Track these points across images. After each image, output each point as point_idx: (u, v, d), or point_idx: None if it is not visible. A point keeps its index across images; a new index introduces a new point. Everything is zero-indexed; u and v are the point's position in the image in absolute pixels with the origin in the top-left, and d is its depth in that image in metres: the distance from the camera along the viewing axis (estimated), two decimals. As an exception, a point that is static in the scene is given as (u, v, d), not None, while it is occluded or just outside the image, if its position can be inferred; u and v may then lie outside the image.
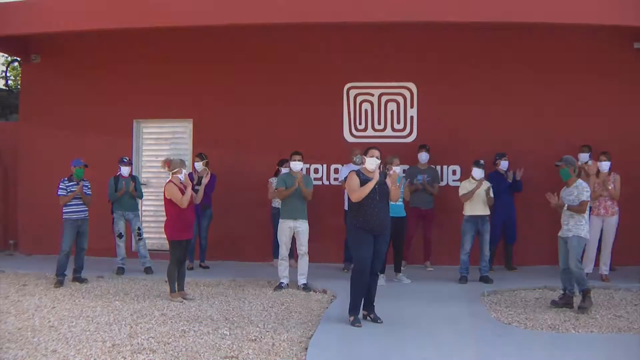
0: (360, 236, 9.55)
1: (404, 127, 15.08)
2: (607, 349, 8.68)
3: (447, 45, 15.01)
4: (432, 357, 8.20)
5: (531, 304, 11.49)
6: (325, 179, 15.06)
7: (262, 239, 14.74)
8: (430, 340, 8.87)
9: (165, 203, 11.27)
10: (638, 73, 14.95)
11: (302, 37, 15.02)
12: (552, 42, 14.94)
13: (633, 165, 14.35)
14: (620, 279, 13.27)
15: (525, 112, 14.88)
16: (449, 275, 13.48)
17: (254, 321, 9.84)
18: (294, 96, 15.14)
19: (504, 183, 13.82)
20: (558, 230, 11.06)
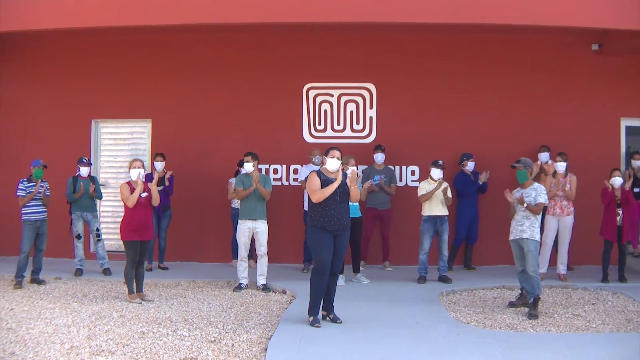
0: (320, 236, 9.57)
1: (363, 128, 15.13)
2: (565, 348, 8.76)
3: (406, 46, 15.08)
4: (391, 357, 8.25)
5: (489, 303, 11.60)
6: (284, 180, 15.06)
7: (222, 240, 14.73)
8: (389, 340, 8.92)
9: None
10: (596, 74, 15.15)
11: (262, 37, 15.02)
12: (512, 44, 15.09)
13: (591, 165, 14.54)
14: (578, 278, 13.45)
15: (485, 113, 15.02)
16: (408, 275, 13.57)
17: (213, 322, 9.84)
18: (254, 97, 15.11)
19: (470, 184, 13.91)
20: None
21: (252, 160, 12.29)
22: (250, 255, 13.00)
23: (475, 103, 15.04)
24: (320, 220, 9.55)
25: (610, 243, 13.10)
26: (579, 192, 13.83)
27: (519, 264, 10.97)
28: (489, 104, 15.04)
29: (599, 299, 12.03)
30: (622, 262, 13.21)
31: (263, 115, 15.07)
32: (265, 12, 12.88)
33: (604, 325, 10.11)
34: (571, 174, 13.35)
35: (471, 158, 14.15)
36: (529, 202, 10.71)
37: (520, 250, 10.87)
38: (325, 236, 9.55)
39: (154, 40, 15.20)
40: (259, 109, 15.09)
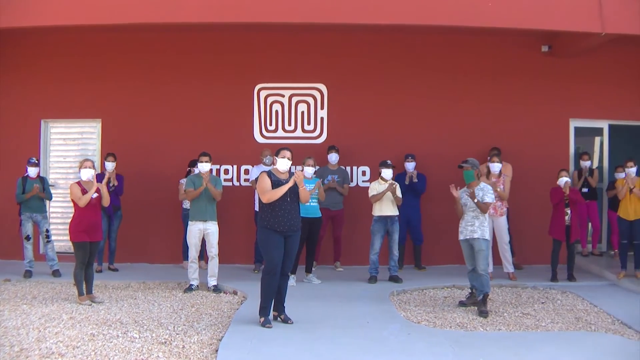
0: (270, 237, 9.55)
1: (314, 128, 15.14)
2: (515, 346, 8.83)
3: (357, 47, 15.13)
4: (343, 357, 8.25)
5: (440, 302, 11.67)
6: (235, 180, 15.01)
7: (172, 241, 14.64)
8: (340, 339, 8.92)
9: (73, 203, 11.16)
10: (546, 76, 15.33)
11: (213, 37, 14.96)
12: (463, 45, 15.23)
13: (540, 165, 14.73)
14: (527, 277, 13.59)
15: (434, 114, 15.12)
16: (359, 275, 13.59)
17: (164, 324, 9.77)
18: (205, 97, 15.05)
19: (403, 184, 13.94)
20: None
21: (209, 161, 12.27)
22: (201, 256, 12.94)
23: (425, 104, 15.14)
24: (270, 221, 9.53)
25: (559, 242, 13.24)
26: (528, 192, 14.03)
27: (469, 263, 11.04)
28: (439, 104, 15.14)
29: (549, 297, 12.16)
30: (571, 261, 13.35)
31: (214, 116, 15.01)
32: (216, 12, 12.78)
33: (553, 324, 10.21)
34: (505, 175, 13.50)
35: (408, 158, 14.20)
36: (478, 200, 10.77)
37: (470, 249, 10.94)
38: (275, 237, 9.53)
39: (103, 39, 15.05)
40: (210, 109, 15.03)
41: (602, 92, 15.51)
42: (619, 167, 14.52)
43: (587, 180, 15.16)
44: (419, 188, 14.18)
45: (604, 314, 10.88)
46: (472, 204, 10.86)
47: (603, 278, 13.77)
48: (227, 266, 13.54)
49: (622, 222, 13.47)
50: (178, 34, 14.90)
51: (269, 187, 9.53)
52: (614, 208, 14.53)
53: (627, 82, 15.56)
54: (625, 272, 13.33)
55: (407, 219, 14.06)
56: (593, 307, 11.37)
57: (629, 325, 10.11)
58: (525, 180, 14.46)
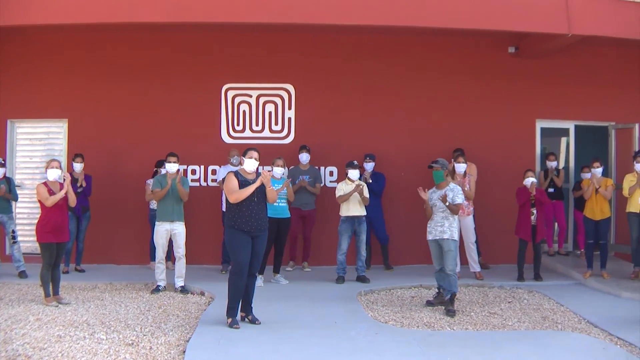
0: (237, 237, 9.54)
1: (282, 129, 15.13)
2: (482, 345, 8.88)
3: (325, 47, 15.14)
4: (310, 357, 8.25)
5: (407, 302, 11.70)
6: (202, 180, 14.96)
7: (139, 242, 14.56)
8: (308, 340, 8.92)
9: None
10: (512, 77, 15.44)
11: (180, 37, 14.90)
12: (429, 46, 15.30)
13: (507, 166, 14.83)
14: (494, 277, 13.66)
15: (402, 114, 15.17)
16: (327, 275, 13.60)
17: (131, 325, 9.72)
18: (172, 97, 14.98)
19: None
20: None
21: (177, 161, 12.25)
22: (169, 257, 12.89)
23: (392, 104, 15.18)
24: (237, 222, 9.52)
25: (525, 242, 13.33)
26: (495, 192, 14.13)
27: (436, 263, 11.08)
28: (406, 105, 15.20)
29: (515, 297, 12.23)
30: (537, 261, 13.45)
31: (181, 116, 14.95)
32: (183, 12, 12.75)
33: (520, 323, 10.27)
34: (469, 175, 13.58)
35: (367, 159, 14.21)
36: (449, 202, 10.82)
37: (439, 249, 10.98)
38: (243, 237, 9.52)
39: (71, 39, 14.94)
40: (178, 110, 14.96)
41: (568, 92, 15.64)
42: (584, 168, 14.64)
43: (554, 180, 15.25)
44: (375, 188, 14.15)
45: (571, 313, 10.96)
46: (442, 204, 10.89)
47: (569, 277, 13.87)
48: (195, 267, 13.49)
49: (588, 222, 13.57)
50: (146, 34, 14.82)
51: (236, 188, 9.51)
52: (579, 208, 14.67)
53: (593, 83, 15.71)
54: (591, 271, 13.45)
55: (369, 219, 14.06)
56: (559, 307, 11.45)
57: (595, 324, 10.19)
58: (492, 180, 14.54)
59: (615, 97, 15.80)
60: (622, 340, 9.33)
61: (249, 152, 9.80)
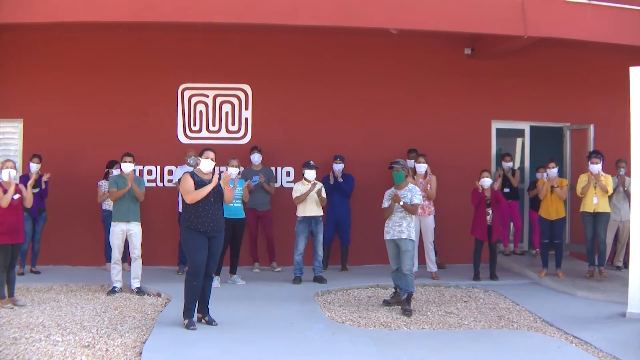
0: (194, 238, 9.50)
1: (239, 129, 15.08)
2: (438, 345, 8.93)
3: (282, 47, 15.10)
4: (267, 358, 8.25)
5: (364, 302, 11.73)
6: (159, 181, 14.85)
7: (95, 243, 14.43)
8: (265, 340, 8.92)
9: None
10: (468, 78, 15.54)
11: (136, 36, 14.77)
12: (386, 46, 15.33)
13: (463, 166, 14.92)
14: (450, 276, 13.74)
15: (358, 115, 15.20)
16: (284, 275, 13.60)
17: (87, 327, 9.64)
18: (128, 97, 14.83)
19: (329, 185, 13.94)
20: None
21: (133, 161, 12.17)
22: (124, 257, 12.79)
23: (350, 105, 15.20)
24: (194, 222, 9.48)
25: (480, 242, 13.41)
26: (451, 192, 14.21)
27: (393, 263, 11.13)
28: (364, 105, 15.23)
29: (471, 296, 12.31)
30: (492, 260, 13.54)
31: (137, 116, 14.82)
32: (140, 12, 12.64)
33: (476, 322, 10.35)
34: (431, 175, 13.68)
35: (337, 160, 14.22)
36: (405, 202, 10.86)
37: (396, 249, 11.02)
38: (199, 238, 9.48)
39: (25, 38, 14.73)
40: (133, 110, 14.82)
41: (523, 93, 15.79)
42: (540, 168, 14.76)
43: (509, 180, 15.36)
44: (345, 188, 14.18)
45: (526, 312, 11.06)
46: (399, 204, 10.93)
47: (525, 277, 13.98)
48: (151, 268, 13.38)
49: (543, 221, 13.70)
50: (102, 34, 14.65)
51: (192, 188, 9.48)
52: (535, 208, 14.80)
53: (548, 84, 15.89)
54: (547, 270, 13.57)
55: (336, 220, 14.09)
56: (515, 306, 11.54)
57: (551, 323, 10.30)
58: (448, 180, 14.58)
59: (570, 98, 15.99)
60: (578, 338, 9.44)
61: (205, 153, 9.78)
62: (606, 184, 13.07)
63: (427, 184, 13.43)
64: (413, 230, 11.10)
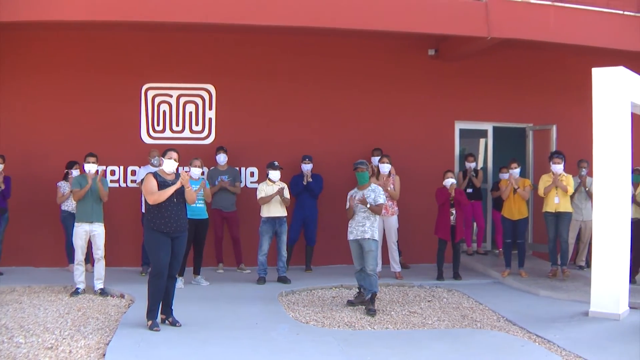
0: (157, 239, 9.47)
1: (203, 129, 15.02)
2: (402, 344, 8.97)
3: (246, 47, 15.05)
4: (232, 358, 8.26)
5: (328, 302, 11.74)
6: (122, 181, 14.75)
7: (58, 244, 14.31)
8: (229, 341, 8.91)
9: None
10: (432, 79, 15.62)
11: (99, 35, 14.66)
12: (351, 48, 15.35)
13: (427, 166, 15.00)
14: (414, 276, 13.79)
15: (323, 116, 15.21)
16: (248, 276, 13.59)
17: (50, 328, 9.56)
18: (90, 96, 14.69)
19: (301, 185, 13.98)
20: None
21: (96, 162, 12.10)
22: (87, 259, 12.71)
23: (314, 105, 15.22)
24: (157, 223, 9.45)
25: (444, 242, 13.49)
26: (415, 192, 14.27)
27: (357, 263, 11.16)
28: (328, 106, 15.24)
29: (435, 296, 12.37)
30: (456, 260, 13.62)
31: (100, 116, 14.68)
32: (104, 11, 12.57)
33: (439, 322, 10.40)
34: (394, 175, 13.70)
35: (305, 160, 14.23)
36: (370, 203, 10.90)
37: (360, 249, 11.06)
38: (162, 239, 9.45)
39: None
40: (96, 109, 14.68)
41: (486, 94, 15.90)
42: (502, 168, 14.86)
43: (472, 180, 15.44)
44: (315, 188, 14.19)
45: (489, 312, 11.13)
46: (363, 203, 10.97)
47: (488, 276, 14.07)
48: (114, 269, 13.28)
49: (506, 221, 13.79)
50: (65, 32, 14.54)
51: (155, 189, 9.44)
52: (498, 208, 14.89)
53: (511, 85, 16.02)
54: (510, 270, 13.68)
55: (304, 220, 14.09)
56: (478, 305, 11.62)
57: (514, 322, 10.37)
58: (412, 180, 14.63)
59: (532, 99, 16.12)
60: (541, 337, 9.51)
61: (168, 153, 9.74)
62: (567, 184, 13.17)
63: (391, 184, 13.48)
64: (376, 230, 11.15)
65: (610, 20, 14.62)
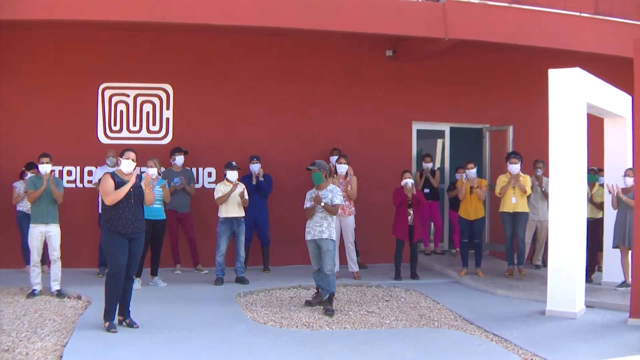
0: (114, 240, 9.40)
1: (160, 129, 14.95)
2: (360, 344, 9.00)
3: (204, 47, 15.02)
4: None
5: (286, 303, 11.74)
6: (78, 182, 14.63)
7: (14, 245, 14.16)
8: (186, 342, 8.88)
9: None
10: (390, 79, 15.68)
11: (56, 34, 14.54)
12: (309, 48, 15.39)
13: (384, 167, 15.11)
14: (371, 276, 13.84)
15: (281, 116, 15.21)
16: (206, 277, 13.56)
17: (6, 330, 9.46)
18: (47, 96, 14.55)
19: (250, 185, 13.93)
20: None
21: (50, 162, 11.97)
22: (44, 260, 12.59)
23: (272, 105, 15.20)
24: (114, 224, 9.38)
25: (402, 242, 13.55)
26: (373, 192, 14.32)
27: (315, 263, 11.18)
28: (286, 106, 15.25)
29: (393, 296, 12.41)
30: (414, 260, 13.70)
31: (56, 115, 14.55)
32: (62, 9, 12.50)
33: (397, 321, 10.44)
34: (352, 175, 13.74)
35: (253, 160, 14.21)
36: (325, 203, 10.92)
37: (317, 249, 11.07)
38: (119, 239, 9.38)
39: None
40: (52, 109, 14.56)
41: (443, 95, 16.01)
42: (459, 169, 14.94)
43: (429, 181, 15.51)
44: (265, 187, 14.18)
45: (447, 311, 11.20)
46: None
47: (445, 276, 14.16)
48: (71, 270, 13.18)
49: (463, 221, 13.89)
50: (20, 31, 14.39)
51: (112, 189, 9.36)
52: (454, 208, 14.99)
53: (468, 86, 16.15)
54: (467, 269, 13.78)
55: (254, 220, 14.06)
56: (436, 304, 11.68)
57: (471, 321, 10.44)
58: (370, 181, 14.70)
59: (489, 100, 16.28)
60: (498, 336, 9.58)
61: (125, 153, 9.68)
62: (525, 184, 13.29)
63: (348, 184, 13.51)
64: (334, 231, 11.19)
65: (566, 22, 14.80)
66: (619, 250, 12.64)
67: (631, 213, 11.62)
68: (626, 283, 12.37)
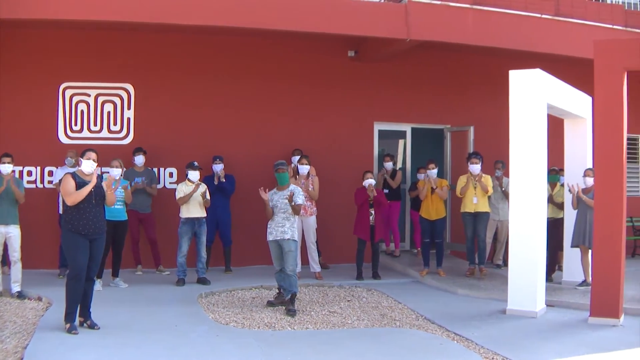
0: (75, 240, 9.34)
1: (121, 129, 14.86)
2: (322, 344, 9.04)
3: (166, 47, 14.93)
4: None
5: (248, 303, 11.73)
6: (39, 182, 14.49)
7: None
8: (148, 344, 8.86)
9: None
10: (352, 80, 15.73)
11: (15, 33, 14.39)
12: (271, 48, 15.37)
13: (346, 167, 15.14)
14: (333, 276, 13.87)
15: (242, 116, 15.17)
16: (167, 278, 13.52)
17: (-35, 332, 9.43)
18: (6, 95, 14.38)
19: (212, 185, 13.90)
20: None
21: (11, 162, 11.87)
22: (4, 261, 12.49)
23: (234, 106, 15.16)
24: (75, 224, 9.32)
25: (363, 242, 13.59)
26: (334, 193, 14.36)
27: (277, 263, 11.21)
28: (248, 106, 15.21)
29: (354, 295, 12.45)
30: (375, 260, 13.75)
31: (16, 115, 14.40)
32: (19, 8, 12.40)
33: (359, 321, 10.48)
34: (313, 175, 13.78)
35: (216, 160, 14.18)
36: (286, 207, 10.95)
37: (279, 250, 11.10)
38: (80, 240, 9.32)
39: None
40: (13, 108, 14.40)
41: (405, 96, 16.10)
42: (420, 169, 15.02)
43: (387, 181, 15.54)
44: (228, 188, 14.16)
45: (408, 310, 11.26)
46: (282, 205, 11.03)
47: (407, 276, 14.23)
48: (31, 271, 13.08)
49: (424, 221, 13.97)
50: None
51: (73, 189, 9.30)
52: (416, 208, 15.03)
53: (429, 87, 16.27)
54: (428, 269, 13.87)
55: (216, 221, 14.04)
56: (397, 304, 11.73)
57: (432, 321, 10.51)
58: (331, 181, 14.74)
59: (451, 100, 16.40)
60: (459, 335, 9.66)
61: (86, 153, 9.61)
62: (486, 184, 13.39)
63: (310, 184, 13.54)
64: (296, 231, 11.23)
65: (527, 23, 14.94)
66: (579, 249, 12.76)
67: (591, 213, 11.77)
68: (586, 282, 12.53)
